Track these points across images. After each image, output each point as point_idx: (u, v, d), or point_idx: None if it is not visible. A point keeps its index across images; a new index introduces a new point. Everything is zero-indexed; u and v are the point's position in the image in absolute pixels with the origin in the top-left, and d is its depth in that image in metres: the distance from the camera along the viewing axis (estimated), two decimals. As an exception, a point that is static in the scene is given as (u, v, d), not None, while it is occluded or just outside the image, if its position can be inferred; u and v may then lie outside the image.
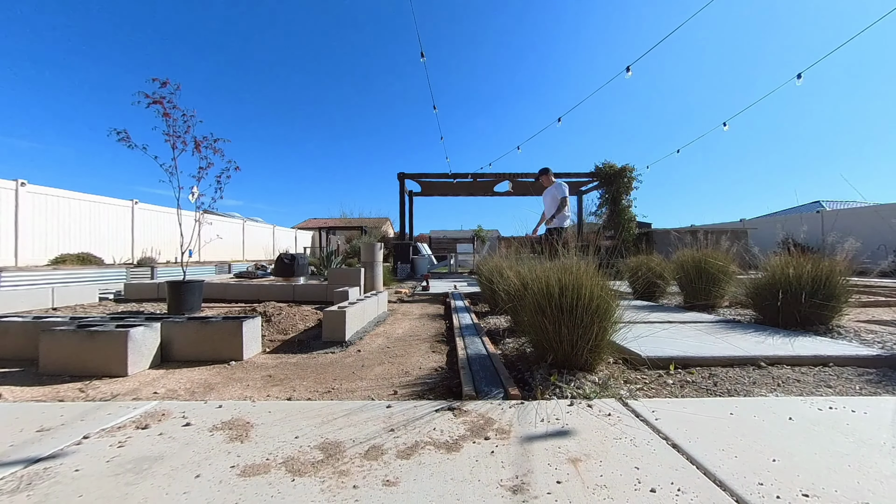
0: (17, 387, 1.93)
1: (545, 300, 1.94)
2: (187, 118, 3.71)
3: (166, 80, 3.61)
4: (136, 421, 1.42)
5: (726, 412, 1.45)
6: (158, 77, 3.58)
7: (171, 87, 3.63)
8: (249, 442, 1.26)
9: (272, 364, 2.38)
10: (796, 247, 3.32)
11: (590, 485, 1.00)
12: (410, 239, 12.34)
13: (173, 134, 3.66)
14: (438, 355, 2.57)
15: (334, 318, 2.90)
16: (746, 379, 1.91)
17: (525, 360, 2.23)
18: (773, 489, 0.97)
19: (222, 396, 1.81)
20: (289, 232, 20.75)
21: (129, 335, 2.13)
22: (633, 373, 2.01)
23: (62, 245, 9.40)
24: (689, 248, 4.33)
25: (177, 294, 3.69)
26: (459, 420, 1.40)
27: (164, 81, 3.61)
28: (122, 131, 3.54)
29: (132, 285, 5.65)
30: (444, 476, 1.05)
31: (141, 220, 11.74)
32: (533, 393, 1.68)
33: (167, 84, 3.61)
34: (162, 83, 3.60)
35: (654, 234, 11.83)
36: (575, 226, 12.62)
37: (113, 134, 3.52)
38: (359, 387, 1.96)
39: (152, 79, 3.59)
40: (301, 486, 1.01)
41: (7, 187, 8.37)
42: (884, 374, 1.97)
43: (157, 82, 3.59)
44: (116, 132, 3.53)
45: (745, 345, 2.39)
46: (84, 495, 0.98)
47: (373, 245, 6.07)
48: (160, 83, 3.60)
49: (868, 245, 4.17)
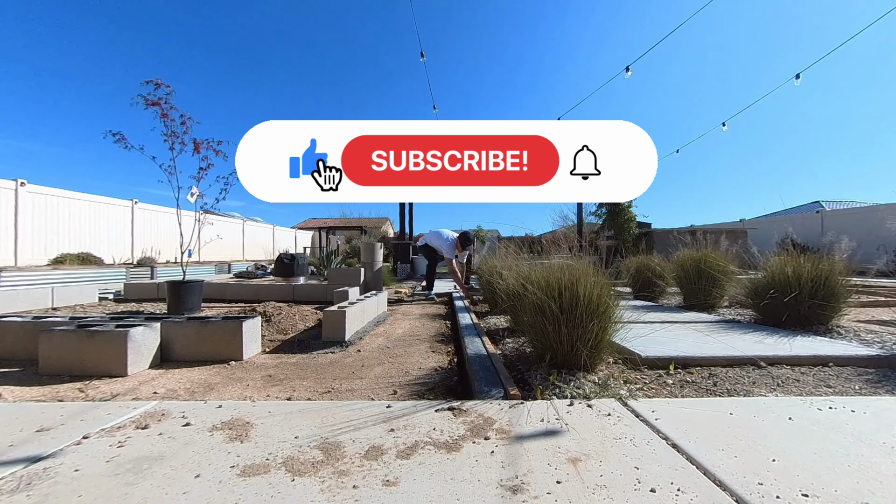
0: (17, 387, 1.93)
1: (545, 300, 1.94)
2: (185, 119, 3.70)
3: (158, 80, 3.58)
4: (136, 421, 1.42)
5: (726, 412, 1.45)
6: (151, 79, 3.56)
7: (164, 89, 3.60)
8: (249, 442, 1.26)
9: (272, 364, 2.38)
10: (796, 247, 3.32)
11: (590, 485, 1.00)
12: (410, 239, 12.33)
13: (171, 134, 3.66)
14: (438, 355, 2.57)
15: (334, 318, 2.90)
16: (746, 379, 1.91)
17: (525, 360, 2.23)
18: (773, 489, 0.97)
19: (222, 396, 1.81)
20: (289, 232, 20.74)
21: (129, 335, 2.13)
22: (633, 373, 2.01)
23: (62, 245, 9.39)
24: (689, 248, 4.34)
25: (176, 294, 3.69)
26: (459, 420, 1.40)
27: (157, 83, 3.58)
28: (117, 133, 3.53)
29: (132, 285, 5.65)
30: (444, 476, 1.05)
31: (141, 220, 11.72)
32: (533, 393, 1.68)
33: (160, 85, 3.59)
34: (156, 85, 3.58)
35: (654, 234, 11.84)
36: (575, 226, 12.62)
37: (109, 136, 3.51)
38: (359, 387, 1.96)
39: (145, 81, 3.57)
40: (301, 486, 1.01)
41: (7, 187, 8.36)
42: (883, 374, 1.97)
43: (150, 84, 3.57)
44: (112, 134, 3.52)
45: (745, 345, 2.39)
46: (84, 495, 0.98)
47: (373, 245, 6.07)
48: (154, 84, 3.58)
49: (867, 245, 4.17)
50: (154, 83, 3.58)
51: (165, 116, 3.62)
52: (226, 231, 14.43)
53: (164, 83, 3.60)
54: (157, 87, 3.60)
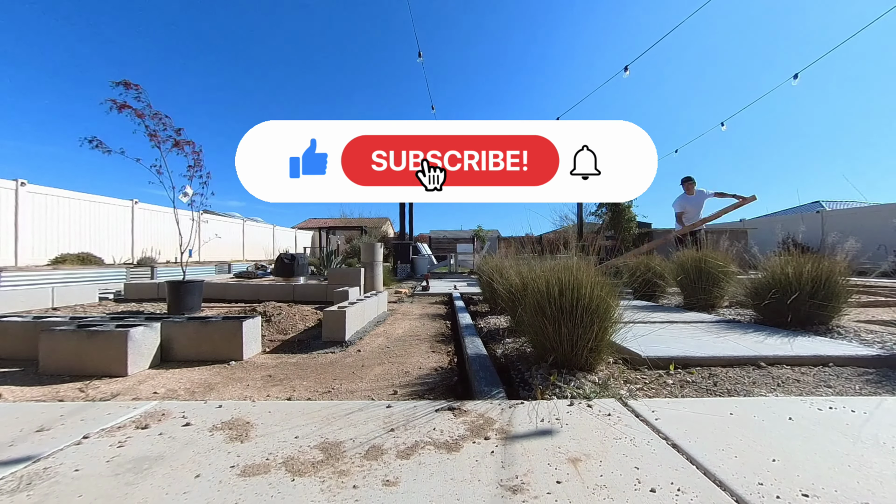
0: (17, 387, 1.93)
1: (545, 300, 1.94)
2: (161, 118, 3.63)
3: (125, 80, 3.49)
4: (136, 421, 1.42)
5: (726, 412, 1.45)
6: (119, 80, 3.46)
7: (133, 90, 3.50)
8: (249, 442, 1.26)
9: (272, 364, 2.38)
10: (796, 247, 3.32)
11: (590, 485, 1.00)
12: (410, 239, 12.33)
13: (153, 134, 3.60)
14: (438, 355, 2.57)
15: (334, 318, 2.90)
16: (746, 379, 1.91)
17: (525, 360, 2.23)
18: (773, 489, 0.97)
19: (222, 396, 1.81)
20: (289, 232, 20.75)
21: (129, 335, 2.13)
22: (633, 373, 2.01)
23: (62, 245, 9.39)
24: (689, 248, 4.33)
25: (177, 294, 3.69)
26: (459, 420, 1.40)
27: (126, 83, 3.49)
28: (93, 139, 3.44)
29: (132, 285, 5.65)
30: (445, 476, 1.05)
31: (141, 220, 11.73)
32: (533, 393, 1.68)
33: (130, 86, 3.50)
34: (125, 86, 3.49)
35: (655, 234, 11.83)
36: (575, 226, 12.63)
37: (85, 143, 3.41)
38: (359, 387, 1.96)
39: (114, 83, 3.46)
40: (301, 486, 1.01)
41: (7, 187, 8.36)
42: (884, 374, 1.97)
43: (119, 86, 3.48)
44: (88, 140, 3.43)
45: (745, 345, 2.39)
46: (84, 495, 0.98)
47: (373, 245, 6.07)
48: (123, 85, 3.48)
49: (868, 245, 4.17)
50: (122, 84, 3.48)
51: (142, 116, 3.55)
52: (226, 231, 14.43)
53: (133, 84, 3.50)
54: (126, 88, 3.49)
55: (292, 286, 5.58)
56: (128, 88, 3.52)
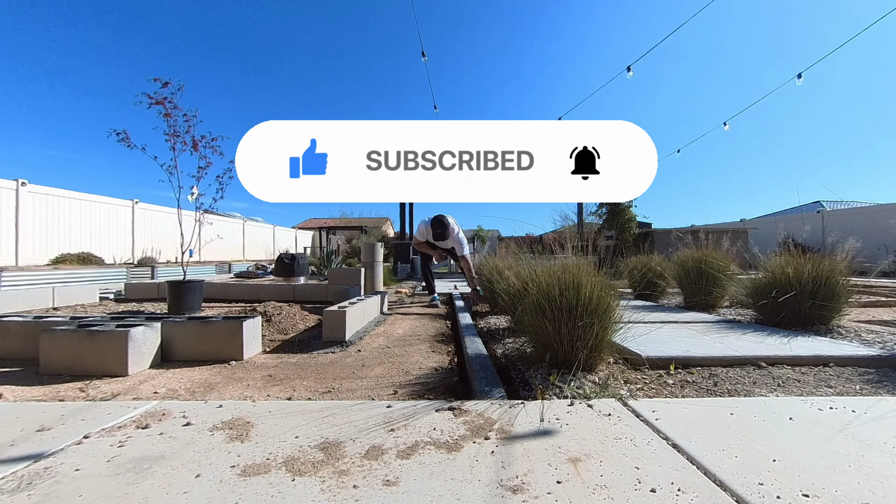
0: (18, 386, 1.93)
1: (545, 300, 1.94)
2: (189, 118, 3.70)
3: (168, 80, 3.59)
4: (137, 420, 1.42)
5: (726, 412, 1.45)
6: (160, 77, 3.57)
7: (174, 87, 3.61)
8: (249, 442, 1.26)
9: (272, 364, 2.38)
10: (796, 247, 3.32)
11: (590, 485, 1.00)
12: (410, 239, 12.34)
13: (174, 134, 3.66)
14: (438, 355, 2.57)
15: (334, 318, 2.90)
16: (747, 379, 1.91)
17: (525, 359, 2.23)
18: (774, 489, 0.97)
19: (222, 396, 1.81)
20: (289, 232, 20.75)
21: (130, 335, 2.13)
22: (634, 373, 2.00)
23: (62, 245, 9.40)
24: (690, 248, 4.33)
25: (177, 294, 3.69)
26: (459, 420, 1.40)
27: (166, 82, 3.59)
28: (121, 132, 3.53)
29: (132, 285, 5.65)
30: (445, 476, 1.05)
31: (141, 220, 11.74)
32: (533, 393, 1.68)
33: (168, 84, 3.60)
34: (163, 83, 3.59)
35: (655, 234, 11.83)
36: (575, 226, 12.64)
37: (113, 135, 3.52)
38: (359, 386, 1.96)
39: (153, 79, 3.57)
40: (301, 485, 1.01)
41: (7, 187, 8.37)
42: (884, 374, 1.97)
43: (158, 82, 3.58)
44: (116, 133, 3.53)
45: (746, 345, 2.39)
46: (84, 495, 0.98)
47: (373, 245, 6.07)
48: (161, 83, 3.58)
49: (868, 245, 4.16)
50: (162, 81, 3.58)
51: (169, 116, 3.62)
52: (226, 231, 14.44)
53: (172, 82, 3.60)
54: (164, 86, 3.59)
55: (292, 286, 5.59)
56: (165, 86, 3.59)
